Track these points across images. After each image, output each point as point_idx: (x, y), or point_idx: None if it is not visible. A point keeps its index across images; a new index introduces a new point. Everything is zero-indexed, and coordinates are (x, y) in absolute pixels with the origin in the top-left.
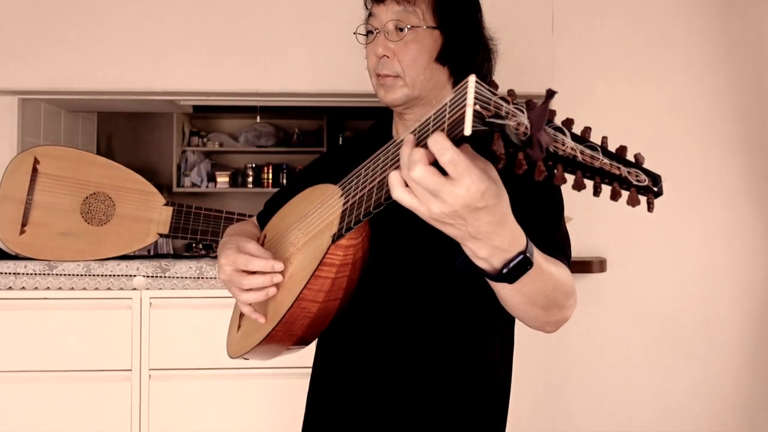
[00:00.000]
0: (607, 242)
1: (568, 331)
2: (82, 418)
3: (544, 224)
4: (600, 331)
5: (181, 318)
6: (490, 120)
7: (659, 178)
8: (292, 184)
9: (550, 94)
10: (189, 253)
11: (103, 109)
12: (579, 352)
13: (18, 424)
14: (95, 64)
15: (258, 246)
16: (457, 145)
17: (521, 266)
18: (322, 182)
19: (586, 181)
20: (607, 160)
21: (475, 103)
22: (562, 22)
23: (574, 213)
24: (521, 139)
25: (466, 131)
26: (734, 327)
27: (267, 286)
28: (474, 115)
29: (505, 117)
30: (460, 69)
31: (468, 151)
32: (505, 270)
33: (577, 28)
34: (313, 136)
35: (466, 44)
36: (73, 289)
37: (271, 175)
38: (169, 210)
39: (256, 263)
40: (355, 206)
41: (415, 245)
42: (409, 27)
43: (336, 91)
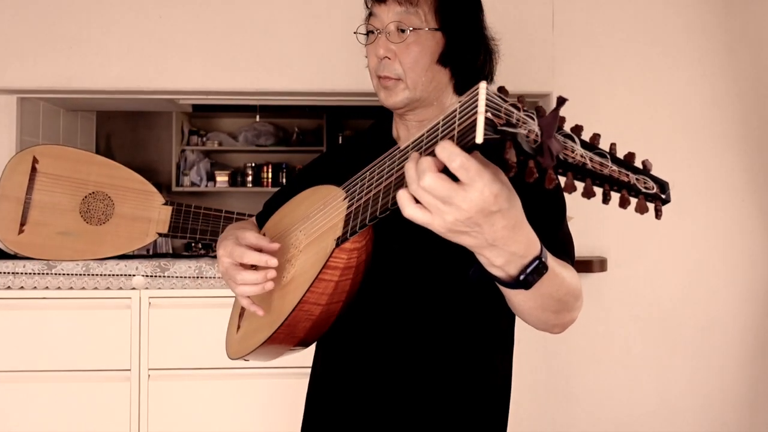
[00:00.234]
0: (608, 242)
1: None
2: (81, 418)
3: (548, 226)
4: (601, 331)
5: (181, 318)
6: (501, 128)
7: (667, 185)
8: (291, 185)
9: (561, 102)
10: (188, 252)
11: (102, 108)
12: (579, 351)
13: (17, 424)
14: (94, 63)
15: (257, 235)
16: (467, 152)
17: (537, 271)
18: (323, 182)
19: (595, 189)
20: (616, 167)
21: (486, 111)
22: (563, 21)
23: (574, 212)
24: (532, 146)
25: (478, 139)
26: (735, 327)
27: (260, 283)
28: (485, 123)
29: (516, 124)
30: (462, 70)
31: (478, 158)
32: (522, 276)
33: (577, 27)
34: (312, 136)
35: (469, 46)
36: (72, 288)
37: (270, 175)
38: (168, 209)
39: (251, 256)
40: (360, 210)
41: (418, 247)
42: (411, 29)
43: (336, 90)
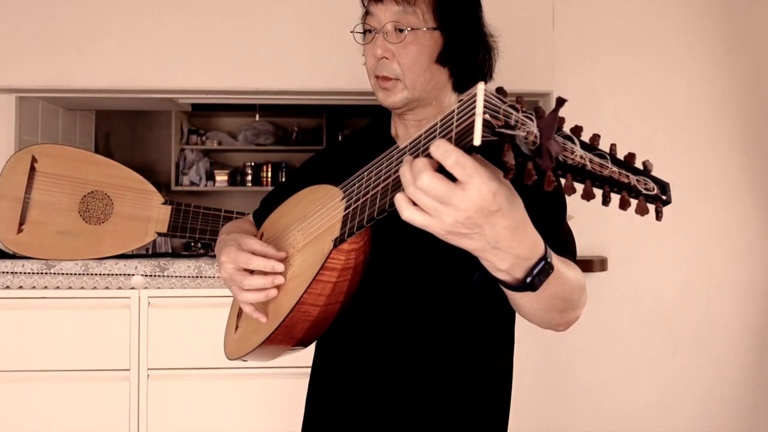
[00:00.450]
0: (609, 241)
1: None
2: (80, 418)
3: (550, 224)
4: (601, 331)
5: (180, 317)
6: (499, 130)
7: (668, 186)
8: (289, 183)
9: (560, 102)
10: (187, 252)
11: (101, 107)
12: (580, 351)
13: (16, 424)
14: (93, 62)
15: (259, 241)
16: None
17: (544, 272)
18: (321, 181)
19: (595, 190)
20: (616, 168)
21: (484, 112)
22: (563, 20)
23: (575, 212)
24: (531, 148)
25: (476, 141)
26: (736, 326)
27: (267, 288)
28: (483, 125)
29: (514, 126)
30: (461, 69)
31: (477, 158)
32: (529, 279)
33: (577, 26)
34: (312, 135)
35: (468, 44)
36: (71, 288)
37: (270, 174)
38: (167, 209)
39: (257, 262)
40: (357, 211)
41: (417, 248)
42: (409, 29)
43: (335, 89)
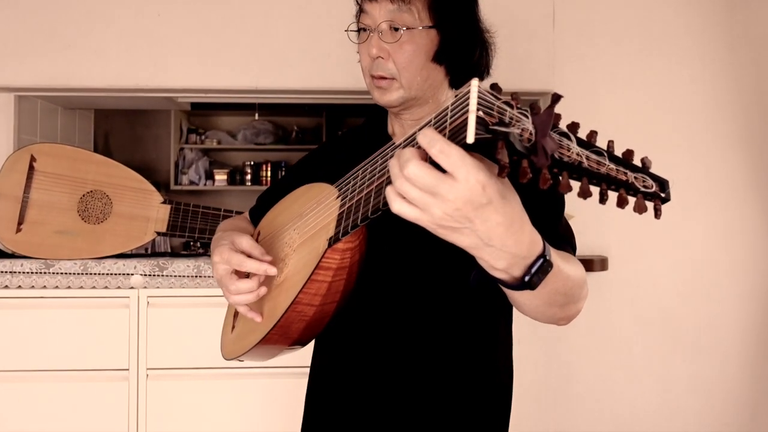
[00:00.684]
0: (609, 240)
1: (570, 330)
2: (79, 418)
3: (548, 218)
4: (602, 330)
5: (179, 317)
6: (493, 128)
7: (667, 183)
8: (286, 180)
9: (556, 99)
10: (187, 251)
11: (100, 107)
12: (580, 350)
13: (14, 424)
14: (92, 61)
15: (252, 241)
16: None
17: (542, 270)
18: (319, 179)
19: (592, 188)
20: (613, 166)
21: (478, 109)
22: (563, 19)
23: (575, 211)
24: (525, 146)
25: (469, 139)
26: (737, 326)
27: (254, 291)
28: (477, 122)
29: (509, 123)
30: (458, 67)
31: (474, 156)
32: (527, 278)
33: (578, 25)
34: (311, 134)
35: (464, 42)
36: (69, 287)
37: (269, 173)
38: (166, 208)
39: (250, 265)
40: (352, 210)
41: (413, 246)
42: (405, 29)
43: (335, 88)
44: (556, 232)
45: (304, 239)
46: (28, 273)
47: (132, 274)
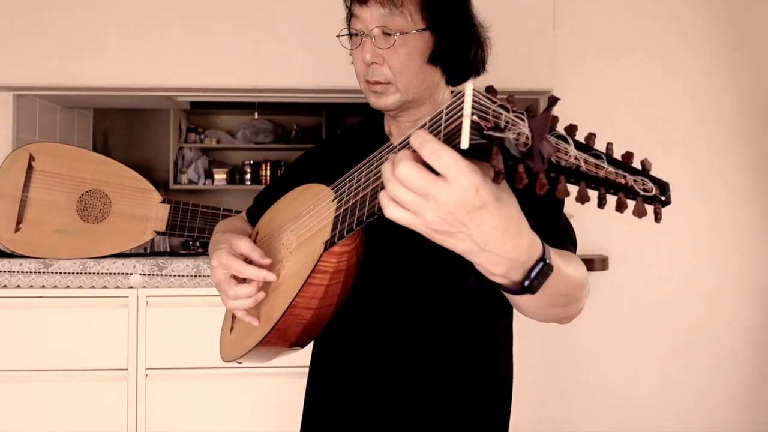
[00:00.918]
0: (610, 240)
1: (571, 330)
2: (78, 418)
3: (546, 213)
4: (602, 330)
5: (178, 317)
6: (488, 133)
7: (667, 186)
8: (283, 180)
9: (553, 101)
10: (186, 250)
11: (99, 105)
12: (581, 350)
13: (13, 424)
14: (91, 60)
15: (251, 243)
16: None
17: (542, 274)
18: (315, 178)
19: (590, 192)
20: (612, 169)
21: (472, 114)
22: (564, 18)
23: (575, 210)
24: (521, 150)
25: (463, 144)
26: (738, 325)
27: (253, 296)
28: (471, 126)
29: (504, 127)
30: (454, 66)
31: (470, 159)
32: (527, 282)
33: (578, 24)
34: (311, 133)
35: (459, 41)
36: (68, 287)
37: (269, 172)
38: (165, 207)
39: (249, 271)
40: (348, 213)
41: (411, 246)
42: (398, 34)
43: (335, 87)
44: (555, 228)
45: (301, 241)
46: (26, 272)
47: (131, 274)
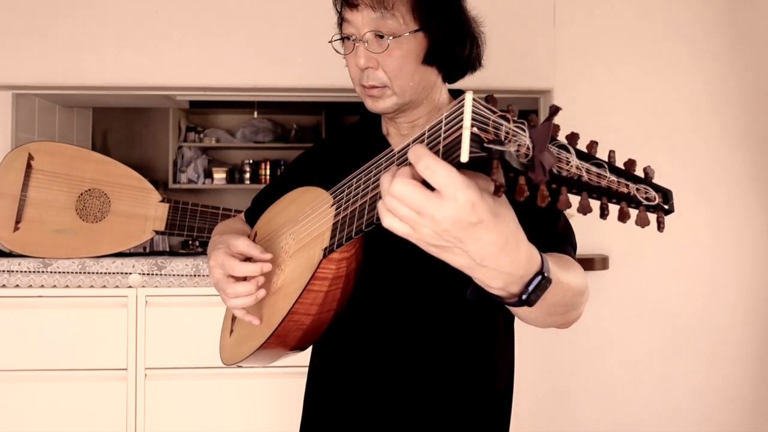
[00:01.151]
0: (610, 239)
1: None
2: (77, 418)
3: (547, 216)
4: (603, 330)
5: (177, 316)
6: (488, 146)
7: (670, 194)
8: (282, 180)
9: (554, 111)
10: (185, 250)
11: (98, 105)
12: (582, 350)
13: (12, 424)
14: (90, 59)
15: (249, 242)
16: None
17: (541, 287)
18: (313, 179)
19: (592, 202)
20: (614, 178)
21: (472, 125)
22: (564, 16)
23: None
24: (522, 162)
25: (463, 158)
26: (739, 325)
27: (252, 293)
28: (471, 138)
29: (505, 139)
30: (449, 65)
31: (467, 173)
32: (525, 296)
33: (579, 22)
34: (311, 132)
35: (453, 40)
36: (67, 286)
37: (268, 171)
38: (165, 206)
39: (244, 268)
40: (347, 221)
41: (411, 249)
42: (391, 38)
43: (334, 86)
44: (555, 231)
45: (300, 246)
46: (25, 272)
47: (130, 273)
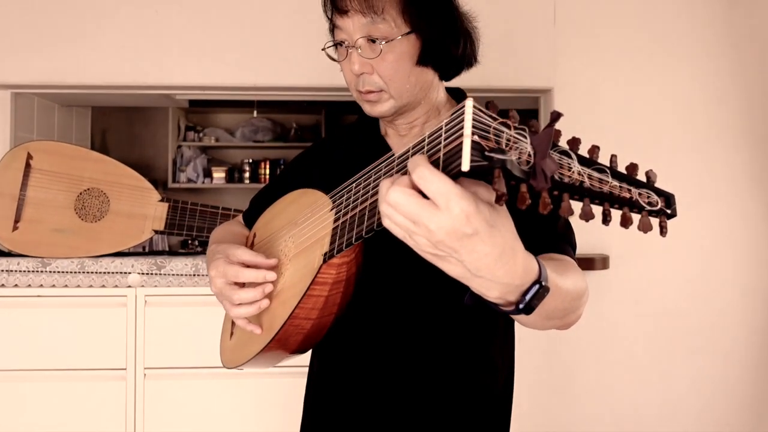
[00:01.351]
0: (610, 239)
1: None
2: (76, 418)
3: (546, 216)
4: (603, 329)
5: (177, 316)
6: (489, 154)
7: (673, 198)
8: (280, 180)
9: (555, 117)
10: (185, 249)
11: (97, 104)
12: (582, 350)
13: (11, 424)
14: (89, 58)
15: (248, 251)
16: (455, 179)
17: (538, 296)
18: (313, 179)
19: (594, 208)
20: (616, 183)
21: (473, 133)
22: (564, 16)
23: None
24: (524, 169)
25: (464, 167)
26: (739, 324)
27: (258, 300)
28: (472, 147)
29: (506, 146)
30: (444, 64)
31: (469, 181)
32: (522, 305)
33: (579, 22)
34: (310, 131)
35: (446, 38)
36: (66, 286)
37: (268, 171)
38: (164, 206)
39: (248, 274)
40: (346, 227)
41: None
42: (383, 43)
43: (334, 86)
44: (555, 231)
45: (300, 250)
46: (24, 272)
47: (129, 273)
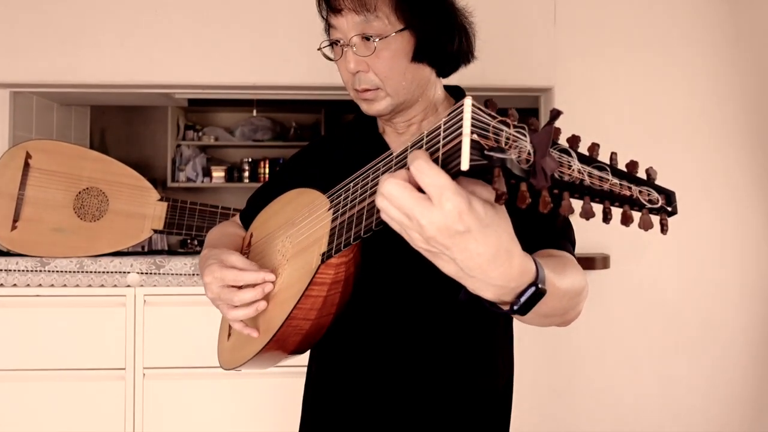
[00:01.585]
0: (611, 238)
1: (571, 329)
2: (75, 418)
3: (545, 216)
4: (603, 329)
5: (176, 315)
6: (489, 153)
7: (673, 195)
8: (277, 179)
9: (555, 115)
10: (184, 249)
11: (96, 103)
12: (582, 350)
13: (10, 424)
14: (88, 57)
15: (242, 258)
16: (454, 178)
17: (533, 298)
18: (310, 178)
19: (594, 206)
20: (616, 180)
21: (472, 132)
22: (565, 15)
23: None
24: (524, 168)
25: (463, 166)
26: (739, 325)
27: (257, 300)
28: (471, 146)
29: (505, 145)
30: (440, 60)
31: (469, 180)
32: (516, 307)
33: (579, 20)
34: (310, 130)
35: (441, 35)
36: (65, 286)
37: (267, 170)
38: (163, 205)
39: (246, 277)
40: (344, 227)
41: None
42: (378, 40)
43: (333, 85)
44: (553, 227)
45: (297, 250)
46: (23, 271)
47: (128, 273)
